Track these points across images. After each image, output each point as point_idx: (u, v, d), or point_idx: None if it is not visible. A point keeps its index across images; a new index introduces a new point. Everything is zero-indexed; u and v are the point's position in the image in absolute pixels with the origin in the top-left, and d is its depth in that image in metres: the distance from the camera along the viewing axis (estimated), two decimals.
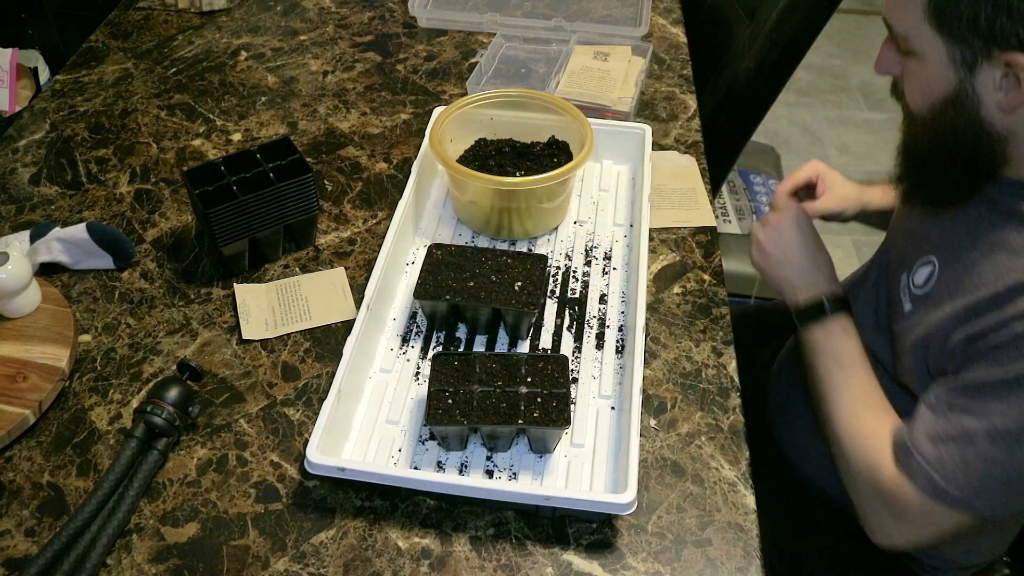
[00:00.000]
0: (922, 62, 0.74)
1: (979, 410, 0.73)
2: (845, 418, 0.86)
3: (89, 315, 0.97)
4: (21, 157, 1.19)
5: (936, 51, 0.72)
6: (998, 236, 0.77)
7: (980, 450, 0.73)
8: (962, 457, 0.74)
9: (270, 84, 1.33)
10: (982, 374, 0.74)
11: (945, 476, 0.75)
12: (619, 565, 0.76)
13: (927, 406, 0.78)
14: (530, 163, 1.09)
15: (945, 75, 0.73)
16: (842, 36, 3.16)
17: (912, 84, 0.78)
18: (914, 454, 0.77)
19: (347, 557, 0.76)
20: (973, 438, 0.73)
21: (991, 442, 0.73)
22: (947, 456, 0.75)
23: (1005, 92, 0.71)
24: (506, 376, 0.83)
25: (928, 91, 0.76)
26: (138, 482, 0.78)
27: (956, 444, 0.74)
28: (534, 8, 1.49)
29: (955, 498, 0.75)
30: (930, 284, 0.83)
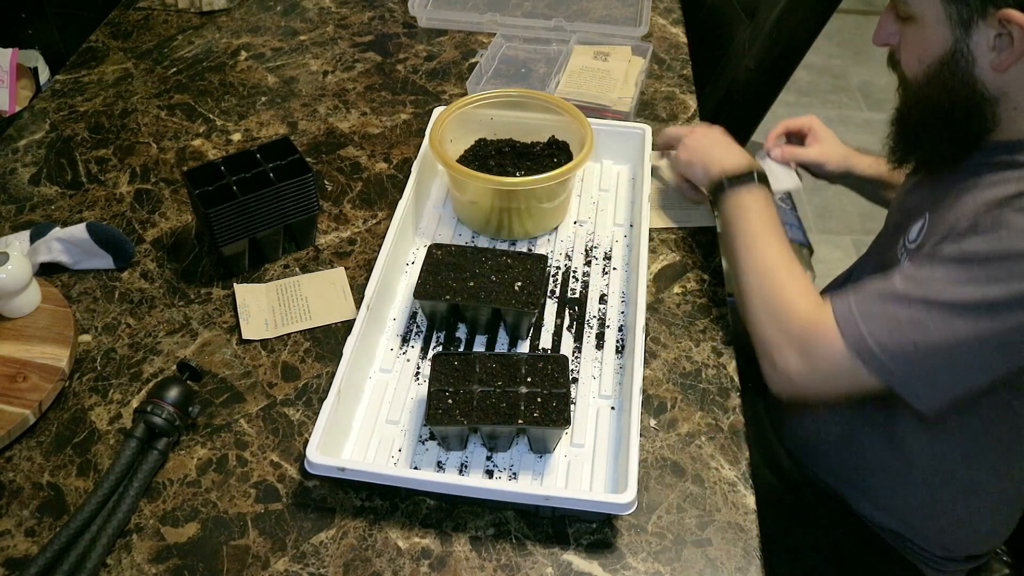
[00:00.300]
0: (920, 26, 0.78)
1: (925, 278, 0.75)
2: (770, 263, 0.88)
3: (89, 315, 0.97)
4: (21, 157, 1.19)
5: (933, 11, 0.75)
6: (981, 180, 0.80)
7: (914, 313, 0.74)
8: (895, 316, 0.75)
9: (270, 84, 1.33)
10: (939, 251, 0.76)
11: (871, 331, 0.76)
12: (619, 565, 0.76)
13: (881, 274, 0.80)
14: (530, 163, 1.09)
15: (942, 35, 0.76)
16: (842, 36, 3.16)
17: (909, 49, 0.81)
18: (851, 303, 0.78)
19: (347, 557, 0.76)
20: (911, 302, 0.75)
21: (926, 308, 0.74)
22: (880, 312, 0.76)
23: (999, 51, 0.74)
24: (506, 376, 0.83)
25: (925, 54, 0.79)
26: (138, 482, 0.78)
27: (893, 303, 0.76)
28: (534, 8, 1.49)
29: (872, 355, 0.76)
30: (921, 235, 0.85)
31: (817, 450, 1.02)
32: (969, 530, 0.96)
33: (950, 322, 0.73)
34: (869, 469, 0.96)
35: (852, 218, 2.43)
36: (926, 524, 0.96)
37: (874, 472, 0.96)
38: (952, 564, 0.99)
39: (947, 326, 0.73)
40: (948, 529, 0.96)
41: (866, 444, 0.95)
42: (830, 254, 2.33)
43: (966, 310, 0.72)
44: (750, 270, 0.89)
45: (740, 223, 0.93)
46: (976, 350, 0.73)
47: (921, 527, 0.96)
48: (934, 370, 0.75)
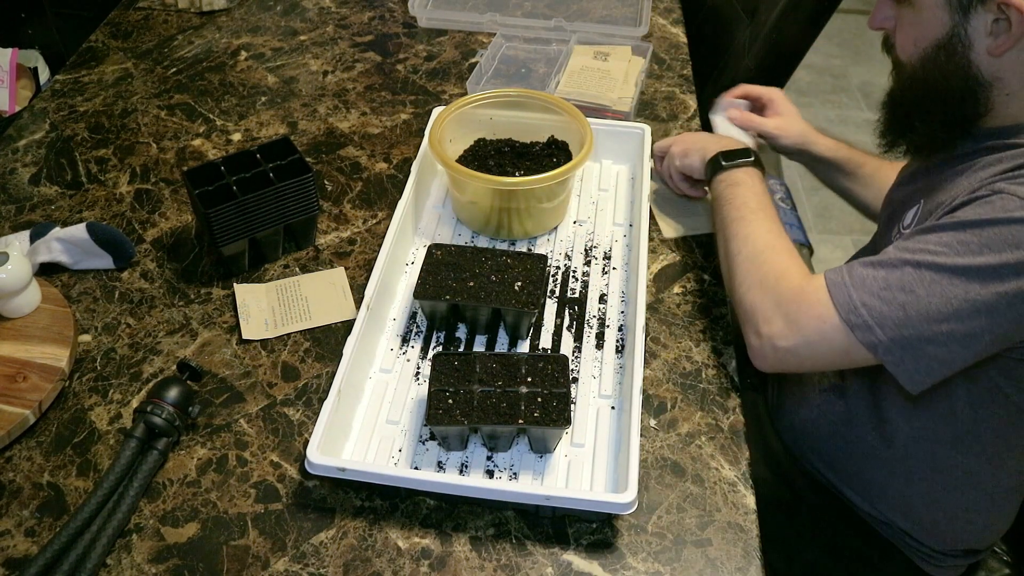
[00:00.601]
0: (917, 10, 0.78)
1: (918, 247, 0.75)
2: (764, 237, 0.88)
3: (89, 315, 0.97)
4: (21, 157, 1.19)
5: None
6: (974, 163, 0.80)
7: (904, 277, 0.74)
8: (885, 280, 0.75)
9: (270, 84, 1.33)
10: (933, 221, 0.77)
11: (861, 294, 0.76)
12: (619, 565, 0.76)
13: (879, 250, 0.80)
14: (529, 163, 1.09)
15: (939, 19, 0.77)
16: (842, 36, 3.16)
17: (905, 33, 0.82)
18: (843, 272, 0.78)
19: (347, 557, 0.76)
20: (902, 266, 0.75)
21: (916, 271, 0.74)
22: (871, 277, 0.76)
23: (995, 36, 0.75)
24: (506, 376, 0.83)
25: (921, 37, 0.79)
26: (138, 482, 0.78)
27: (885, 269, 0.76)
28: (534, 8, 1.49)
29: (860, 319, 0.76)
30: (915, 219, 0.86)
31: (813, 444, 1.02)
32: (966, 523, 0.96)
33: (940, 286, 0.73)
34: (864, 461, 0.96)
35: (852, 218, 2.43)
36: (922, 516, 0.96)
37: (869, 464, 0.96)
38: (950, 559, 0.99)
39: (937, 289, 0.73)
40: (945, 521, 0.96)
41: (859, 435, 0.95)
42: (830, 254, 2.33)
43: (956, 274, 0.72)
44: (742, 243, 0.89)
45: (734, 199, 0.94)
46: (964, 316, 0.72)
47: (917, 520, 0.96)
48: (921, 339, 0.74)
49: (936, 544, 0.97)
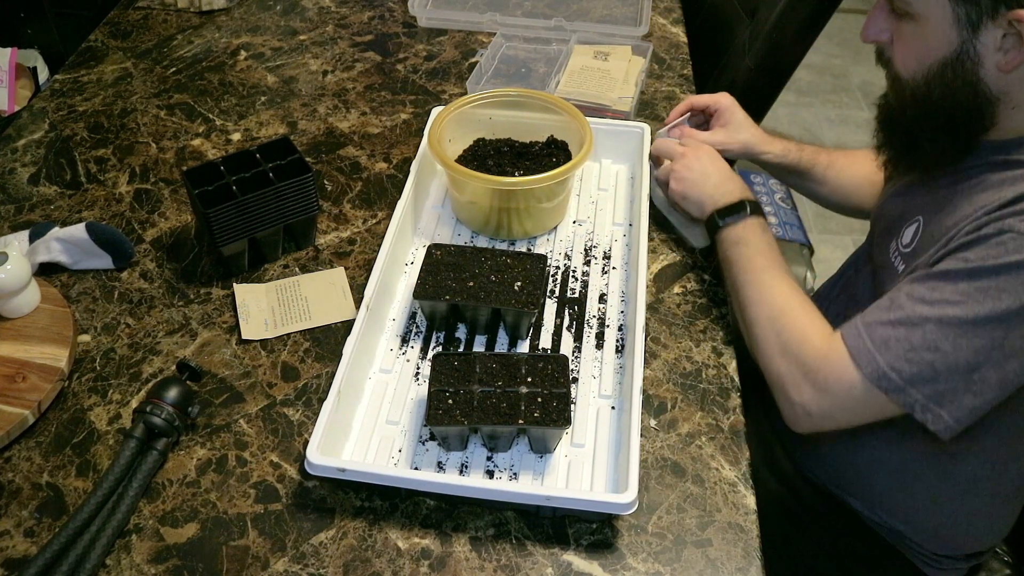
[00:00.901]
0: (920, 25, 0.76)
1: (934, 298, 0.74)
2: (779, 300, 0.87)
3: (88, 315, 0.97)
4: (20, 157, 1.19)
5: (939, 11, 0.73)
6: (976, 180, 0.79)
7: (927, 335, 0.73)
8: (908, 340, 0.74)
9: (270, 84, 1.33)
10: (944, 266, 0.75)
11: (888, 359, 0.75)
12: (619, 565, 0.76)
13: (887, 297, 0.79)
14: (529, 163, 1.09)
15: (947, 36, 0.74)
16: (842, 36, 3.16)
17: (906, 48, 0.79)
18: (863, 335, 0.77)
19: (347, 557, 0.76)
20: (923, 324, 0.74)
21: (939, 328, 0.73)
22: (893, 338, 0.75)
23: (1005, 52, 0.73)
24: (506, 376, 0.83)
25: (925, 54, 0.77)
26: (137, 482, 0.78)
27: (906, 328, 0.75)
28: (534, 8, 1.49)
29: (892, 383, 0.75)
30: (916, 239, 0.85)
31: (815, 449, 1.02)
32: (968, 527, 0.96)
33: (966, 339, 0.72)
34: (867, 467, 0.96)
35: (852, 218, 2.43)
36: (925, 522, 0.96)
37: (872, 470, 0.96)
38: (951, 562, 0.99)
39: (963, 343, 0.72)
40: (947, 527, 0.95)
41: (864, 442, 0.95)
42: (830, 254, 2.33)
43: (979, 324, 0.72)
44: (758, 309, 0.88)
45: (740, 260, 0.92)
46: (995, 363, 0.72)
47: (920, 525, 0.96)
48: (954, 391, 0.74)
49: (938, 548, 0.97)
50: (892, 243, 0.90)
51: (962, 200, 0.79)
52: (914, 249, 0.84)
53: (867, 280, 0.98)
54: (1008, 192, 0.74)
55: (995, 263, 0.71)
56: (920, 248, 0.83)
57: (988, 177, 0.78)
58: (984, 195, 0.77)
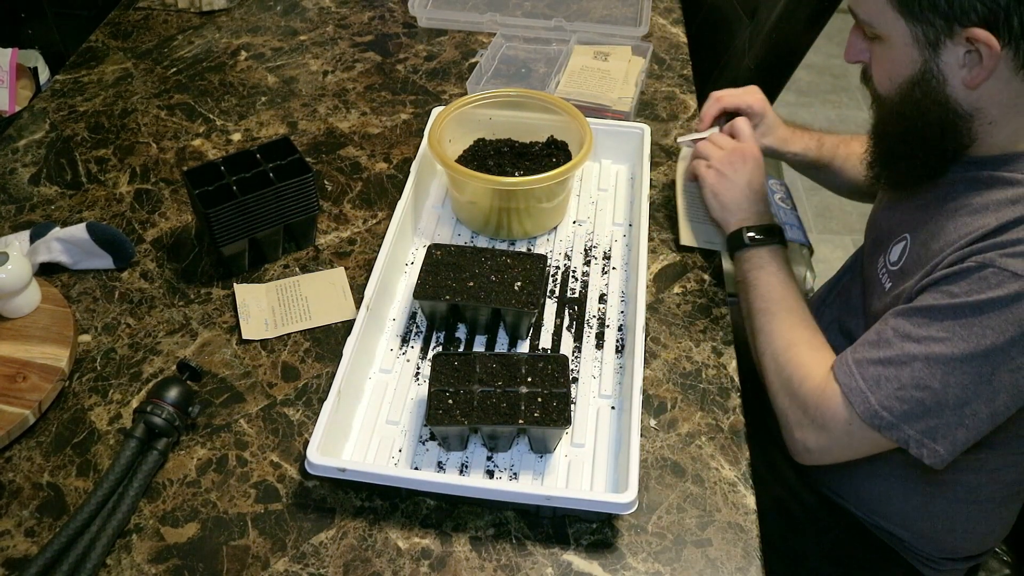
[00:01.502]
0: (887, 46, 0.77)
1: (921, 335, 0.75)
2: (783, 330, 0.87)
3: (89, 315, 0.97)
4: (21, 157, 1.19)
5: (900, 33, 0.75)
6: (961, 201, 0.79)
7: (916, 373, 0.74)
8: (898, 379, 0.75)
9: (270, 84, 1.33)
10: (929, 301, 0.75)
11: (879, 398, 0.76)
12: (619, 565, 0.76)
13: (876, 331, 0.79)
14: (529, 163, 1.09)
15: (910, 56, 0.75)
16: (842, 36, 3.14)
17: (879, 68, 0.80)
18: (855, 374, 0.78)
19: (347, 557, 0.76)
20: (911, 361, 0.75)
21: (927, 366, 0.74)
22: (884, 377, 0.76)
23: (969, 68, 0.73)
24: (506, 376, 0.83)
25: (895, 74, 0.78)
26: (138, 482, 0.78)
27: (895, 367, 0.75)
28: (534, 8, 1.49)
29: (885, 421, 0.76)
30: (903, 258, 0.85)
31: None
32: (966, 533, 0.96)
33: (954, 376, 0.73)
34: (863, 476, 0.96)
35: (852, 218, 2.43)
36: (922, 528, 0.96)
37: (868, 479, 0.96)
38: (950, 563, 0.99)
39: (952, 380, 0.73)
40: (945, 532, 0.96)
41: None
42: (830, 254, 2.33)
43: (966, 361, 0.72)
44: (768, 339, 0.88)
45: (760, 286, 0.92)
46: (984, 398, 0.73)
47: (917, 531, 0.96)
48: (947, 426, 0.75)
49: (936, 552, 0.98)
50: (880, 258, 0.90)
51: (947, 222, 0.80)
52: (901, 268, 0.85)
53: (859, 289, 0.99)
54: (991, 219, 0.74)
55: (978, 299, 0.72)
56: (907, 267, 0.84)
57: (972, 199, 0.78)
58: (968, 219, 0.77)
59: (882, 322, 0.80)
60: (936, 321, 0.74)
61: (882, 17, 0.75)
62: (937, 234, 0.80)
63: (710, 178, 0.99)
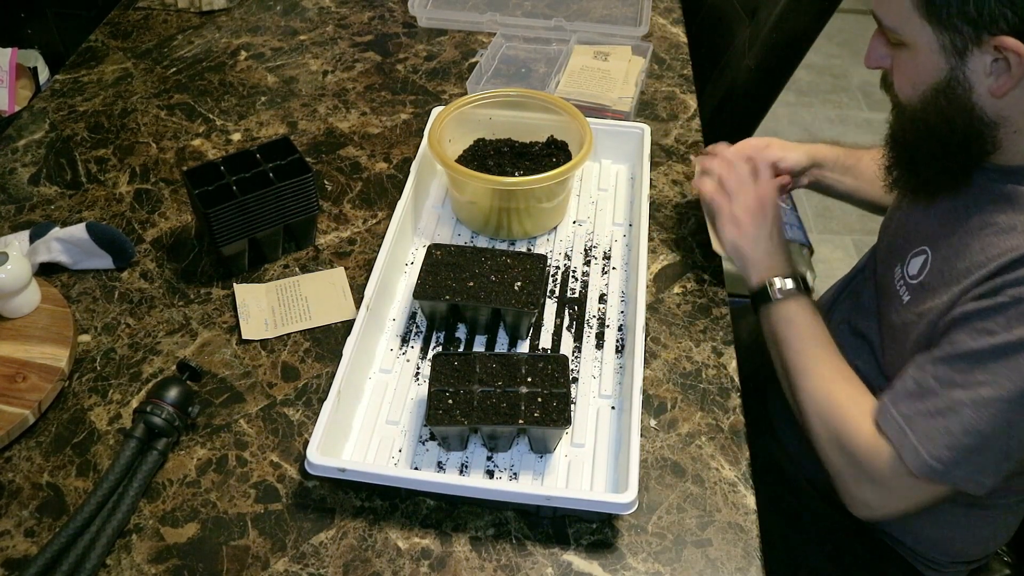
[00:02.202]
0: (912, 52, 0.76)
1: (966, 381, 0.74)
2: (822, 387, 0.86)
3: (89, 315, 0.97)
4: (21, 157, 1.19)
5: (926, 40, 0.74)
6: (986, 217, 0.78)
7: (965, 420, 0.74)
8: (947, 429, 0.74)
9: (270, 84, 1.33)
10: (971, 344, 0.74)
11: (929, 450, 0.75)
12: (619, 565, 0.76)
13: (915, 380, 0.78)
14: (529, 163, 1.09)
15: (936, 63, 0.74)
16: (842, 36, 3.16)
17: (902, 75, 0.79)
18: (906, 430, 0.77)
19: (347, 557, 0.76)
20: (959, 408, 0.74)
21: (976, 411, 0.73)
22: (935, 430, 0.75)
23: (996, 76, 0.72)
24: (506, 376, 0.83)
25: (919, 81, 0.77)
26: (138, 482, 0.78)
27: (944, 416, 0.75)
28: (534, 8, 1.49)
29: (938, 471, 0.75)
30: (924, 272, 0.84)
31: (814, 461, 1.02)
32: (972, 537, 0.96)
33: (1002, 415, 0.72)
34: None
35: (852, 218, 2.43)
36: (925, 534, 0.96)
37: None
38: (952, 565, 0.99)
39: (999, 419, 0.73)
40: (948, 538, 0.95)
41: None
42: (830, 254, 2.33)
43: (1014, 400, 0.72)
44: (808, 397, 0.87)
45: (791, 340, 0.90)
46: None
47: (921, 536, 0.96)
48: (995, 462, 0.75)
49: (939, 555, 0.97)
50: (897, 268, 0.89)
51: (971, 240, 0.78)
52: (922, 283, 0.84)
53: (871, 291, 0.98)
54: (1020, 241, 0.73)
55: (1019, 336, 0.71)
56: (929, 284, 0.82)
57: (997, 217, 0.77)
58: (995, 240, 0.76)
59: (919, 369, 0.78)
60: (979, 364, 0.73)
61: (908, 24, 0.74)
62: (961, 252, 0.79)
63: (730, 233, 0.96)
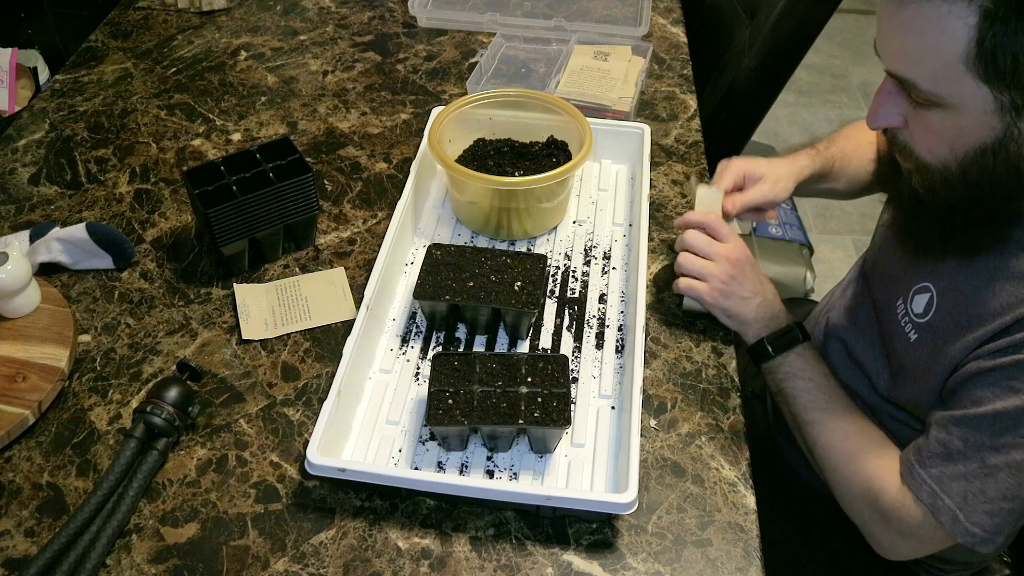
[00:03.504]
0: (953, 112, 0.70)
1: (997, 443, 0.73)
2: (838, 441, 0.85)
3: (89, 315, 0.97)
4: (21, 157, 1.19)
5: (978, 100, 0.68)
6: (995, 261, 0.76)
7: (1001, 484, 0.73)
8: (983, 492, 0.74)
9: (270, 84, 1.33)
10: (996, 404, 0.73)
11: (968, 515, 0.74)
12: (619, 565, 0.76)
13: (941, 441, 0.77)
14: (529, 163, 1.09)
15: (988, 123, 0.69)
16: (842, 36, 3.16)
17: (933, 136, 0.73)
18: (938, 493, 0.76)
19: (347, 557, 0.76)
20: (995, 472, 0.73)
21: (1012, 474, 0.72)
22: (970, 493, 0.74)
23: None
24: (506, 376, 0.83)
25: (960, 142, 0.71)
26: (138, 482, 0.78)
27: (979, 479, 0.74)
28: (534, 8, 1.49)
29: (979, 537, 0.75)
30: (931, 313, 0.82)
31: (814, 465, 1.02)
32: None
33: None
34: None
35: (852, 218, 2.43)
36: None
37: None
38: (950, 565, 0.99)
39: None
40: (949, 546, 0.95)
41: None
42: (830, 254, 2.33)
43: None
44: (824, 452, 0.86)
45: (799, 396, 0.89)
46: None
47: None
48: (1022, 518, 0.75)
49: (938, 560, 0.97)
50: (899, 302, 0.87)
51: (982, 285, 0.76)
52: (930, 323, 0.82)
53: (869, 314, 0.95)
54: None
55: None
56: (938, 326, 0.81)
57: (1007, 261, 0.75)
58: (1010, 287, 0.74)
59: (942, 429, 0.77)
60: (1009, 426, 0.72)
61: (956, 85, 0.67)
62: (973, 297, 0.77)
63: (716, 300, 0.92)
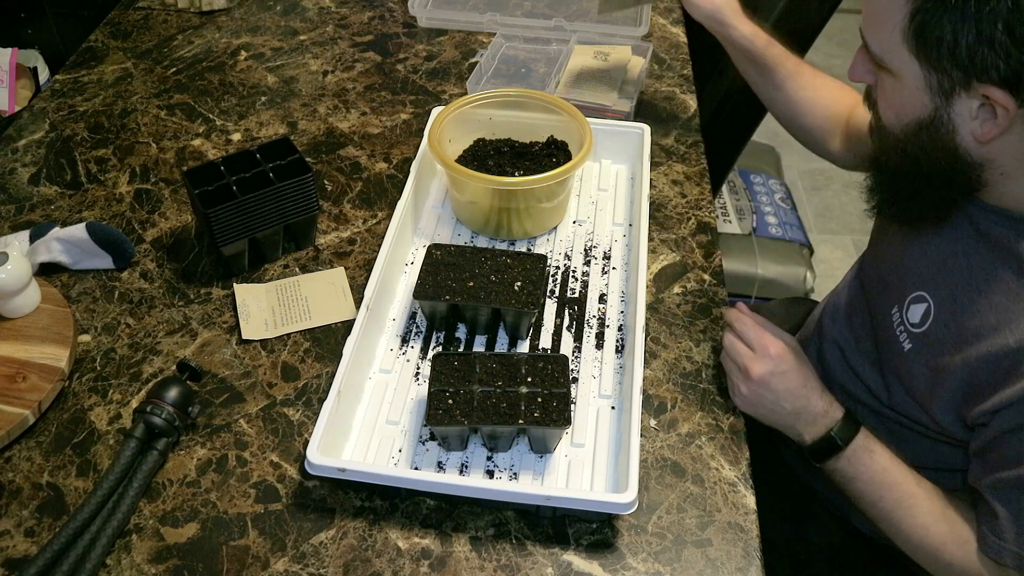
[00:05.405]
0: (897, 81, 0.73)
1: None
2: (918, 532, 0.83)
3: (89, 315, 0.97)
4: (21, 157, 1.19)
5: (912, 74, 0.71)
6: (992, 273, 0.76)
7: None
8: None
9: (270, 84, 1.33)
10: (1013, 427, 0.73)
11: None
12: (619, 565, 0.76)
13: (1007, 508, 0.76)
14: (529, 163, 1.09)
15: (921, 99, 0.71)
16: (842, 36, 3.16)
17: (886, 100, 0.76)
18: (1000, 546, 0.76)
19: (347, 557, 0.76)
20: None
21: None
22: None
23: (981, 122, 0.70)
24: (506, 376, 0.83)
25: (902, 112, 0.74)
26: (138, 482, 0.78)
27: None
28: (534, 8, 1.49)
29: None
30: (928, 323, 0.82)
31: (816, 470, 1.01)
32: None
33: None
34: None
35: (852, 218, 2.43)
36: None
37: None
38: None
39: None
40: None
41: None
42: (830, 254, 2.33)
43: None
44: (904, 543, 0.85)
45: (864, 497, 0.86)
46: None
47: None
48: None
49: None
50: (894, 310, 0.87)
51: (979, 298, 0.76)
52: (926, 333, 0.82)
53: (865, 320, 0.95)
54: None
55: None
56: (935, 337, 0.80)
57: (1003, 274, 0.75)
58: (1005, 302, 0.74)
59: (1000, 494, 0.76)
60: None
61: (896, 55, 0.71)
62: (969, 309, 0.77)
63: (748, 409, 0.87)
